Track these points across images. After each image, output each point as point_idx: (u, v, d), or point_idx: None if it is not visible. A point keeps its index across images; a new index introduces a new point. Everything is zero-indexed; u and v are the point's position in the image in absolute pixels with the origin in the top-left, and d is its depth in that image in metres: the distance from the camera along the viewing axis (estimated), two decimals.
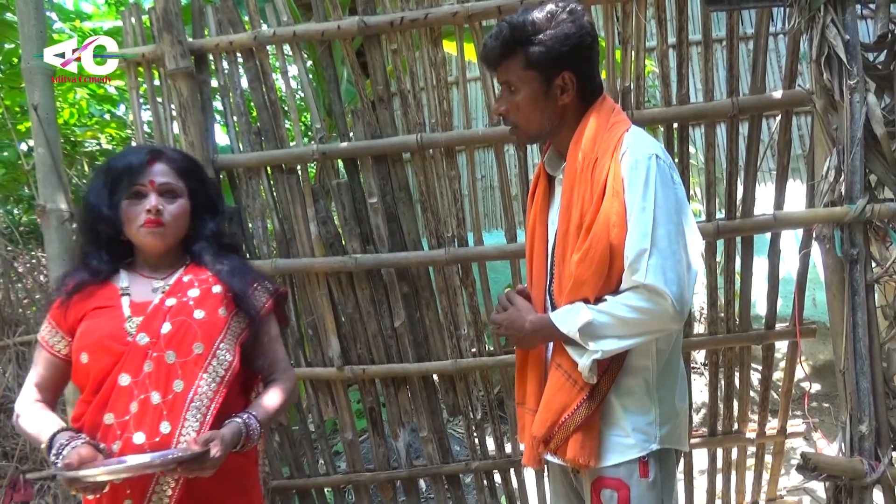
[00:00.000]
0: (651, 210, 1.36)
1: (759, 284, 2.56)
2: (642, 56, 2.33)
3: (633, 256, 1.36)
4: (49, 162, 2.49)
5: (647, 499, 1.46)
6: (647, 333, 1.40)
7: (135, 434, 1.45)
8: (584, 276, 1.41)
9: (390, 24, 2.34)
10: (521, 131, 1.56)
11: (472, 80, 5.47)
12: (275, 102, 2.51)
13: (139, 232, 1.54)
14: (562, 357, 1.46)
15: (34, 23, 2.50)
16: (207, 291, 1.60)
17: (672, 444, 1.50)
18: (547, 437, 1.47)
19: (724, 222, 2.37)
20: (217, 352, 1.55)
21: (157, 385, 1.47)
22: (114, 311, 1.54)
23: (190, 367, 1.51)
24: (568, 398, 1.44)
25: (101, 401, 1.48)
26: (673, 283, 1.35)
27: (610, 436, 1.47)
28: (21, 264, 3.24)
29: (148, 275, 1.61)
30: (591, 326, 1.38)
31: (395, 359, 2.59)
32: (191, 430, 1.48)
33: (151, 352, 1.49)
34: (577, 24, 1.45)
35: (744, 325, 2.50)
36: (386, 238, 2.50)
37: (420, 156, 2.45)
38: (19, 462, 2.77)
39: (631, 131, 1.47)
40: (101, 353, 1.49)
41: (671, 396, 1.50)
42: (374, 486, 2.79)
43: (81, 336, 1.52)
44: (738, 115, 2.30)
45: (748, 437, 2.64)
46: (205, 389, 1.51)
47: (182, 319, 1.53)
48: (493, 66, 1.53)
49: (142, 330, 1.51)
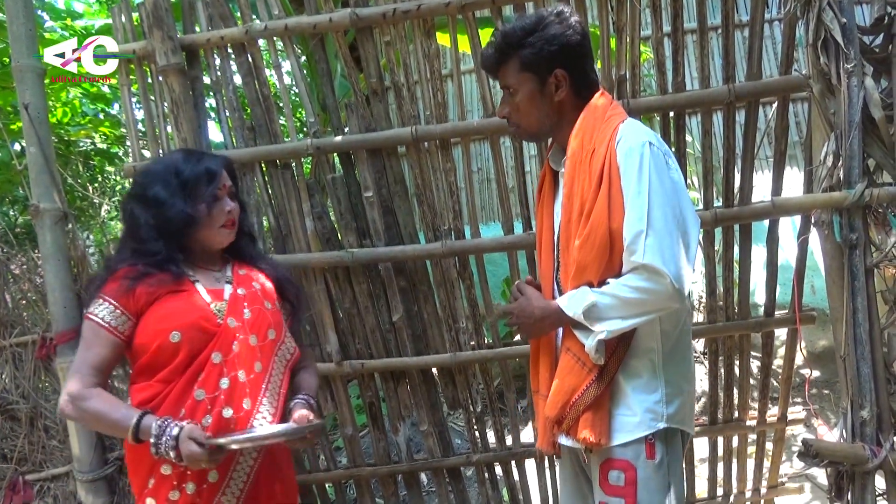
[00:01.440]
0: (646, 193, 1.43)
1: (756, 272, 2.56)
2: (637, 44, 2.31)
3: (631, 238, 1.43)
4: (41, 161, 2.47)
5: (653, 480, 1.51)
6: (649, 312, 1.46)
7: (224, 409, 1.60)
8: (586, 260, 1.48)
9: (382, 15, 2.32)
10: (522, 130, 1.67)
11: (467, 73, 5.46)
12: (268, 97, 2.49)
13: (219, 231, 1.71)
14: (571, 341, 1.53)
15: (23, 21, 2.47)
16: (264, 285, 1.79)
17: (678, 425, 1.55)
18: (559, 417, 1.54)
19: (722, 210, 2.36)
20: (285, 338, 1.78)
21: (242, 364, 1.64)
22: (192, 296, 1.66)
23: (266, 351, 1.70)
24: (578, 380, 1.51)
25: (190, 377, 1.60)
26: (671, 262, 1.41)
27: (618, 415, 1.52)
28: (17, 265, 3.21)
29: (204, 266, 1.75)
30: (595, 308, 1.45)
31: (394, 353, 2.58)
32: (268, 406, 1.66)
33: (239, 334, 1.65)
34: (564, 24, 1.55)
35: (743, 313, 2.49)
36: (382, 232, 2.48)
37: (415, 149, 2.43)
38: (18, 464, 2.75)
39: (626, 122, 1.55)
40: (195, 332, 1.61)
41: (677, 377, 1.56)
42: (375, 480, 2.79)
43: (166, 317, 1.61)
44: (734, 103, 2.28)
45: (749, 424, 2.64)
46: (276, 372, 1.71)
47: (258, 308, 1.72)
48: (493, 73, 1.65)
49: (230, 314, 1.66)
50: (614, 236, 1.45)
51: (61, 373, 2.56)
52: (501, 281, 5.29)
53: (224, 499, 1.62)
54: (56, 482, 2.78)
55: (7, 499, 2.73)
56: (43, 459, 2.79)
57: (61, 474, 2.76)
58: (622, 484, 1.50)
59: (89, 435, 2.56)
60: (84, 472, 2.56)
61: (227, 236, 1.73)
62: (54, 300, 2.54)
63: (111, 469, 2.61)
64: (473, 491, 3.03)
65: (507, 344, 2.62)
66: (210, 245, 1.73)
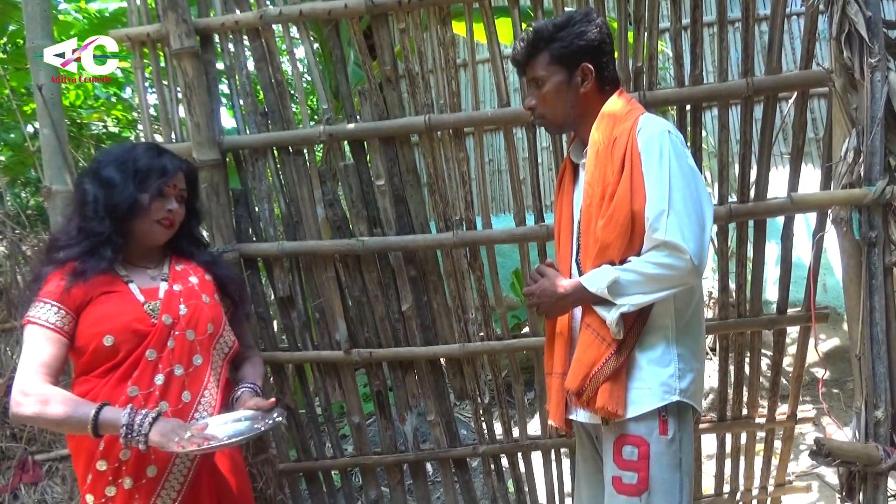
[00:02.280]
0: (667, 176, 1.53)
1: (768, 269, 2.53)
2: (655, 36, 2.28)
3: (654, 217, 1.52)
4: (54, 143, 2.47)
5: (665, 455, 1.59)
6: (669, 287, 1.55)
7: (160, 403, 1.64)
8: (608, 238, 1.57)
9: (398, 3, 2.30)
10: (548, 121, 1.77)
11: (481, 62, 5.43)
12: (281, 83, 2.47)
13: (152, 226, 1.73)
14: (591, 317, 1.62)
15: (38, 2, 2.46)
16: (202, 279, 1.84)
17: (690, 400, 1.63)
18: (579, 389, 1.61)
19: (736, 205, 2.33)
20: (224, 331, 1.82)
21: (179, 359, 1.69)
22: (124, 297, 1.68)
23: (205, 344, 1.75)
24: (597, 353, 1.59)
25: (123, 375, 1.63)
26: (690, 239, 1.49)
27: (634, 388, 1.60)
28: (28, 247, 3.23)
29: (139, 264, 1.78)
30: (617, 284, 1.54)
31: (403, 342, 2.57)
32: (210, 397, 1.72)
33: (174, 331, 1.69)
34: (592, 23, 1.69)
35: (755, 310, 2.47)
36: (393, 221, 2.47)
37: (428, 138, 2.42)
38: (27, 444, 2.78)
39: (645, 114, 1.66)
40: (128, 334, 1.64)
41: (689, 353, 1.64)
42: (381, 468, 2.79)
43: (99, 320, 1.63)
44: (752, 97, 2.25)
45: (758, 422, 2.62)
46: (215, 364, 1.77)
47: (195, 303, 1.76)
48: (522, 67, 1.75)
49: (164, 312, 1.70)
50: (636, 217, 1.54)
51: None
52: (511, 273, 5.28)
53: (164, 493, 1.63)
54: (64, 462, 2.81)
55: (16, 478, 2.76)
56: (52, 440, 2.82)
57: (69, 455, 2.78)
58: (635, 458, 1.58)
59: None
60: None
61: (161, 234, 1.76)
62: None
63: None
64: (479, 482, 3.03)
65: (515, 336, 2.61)
66: (145, 240, 1.76)
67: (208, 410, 1.71)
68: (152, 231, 1.74)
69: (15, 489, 2.74)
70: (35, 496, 2.75)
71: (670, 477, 1.59)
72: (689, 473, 1.64)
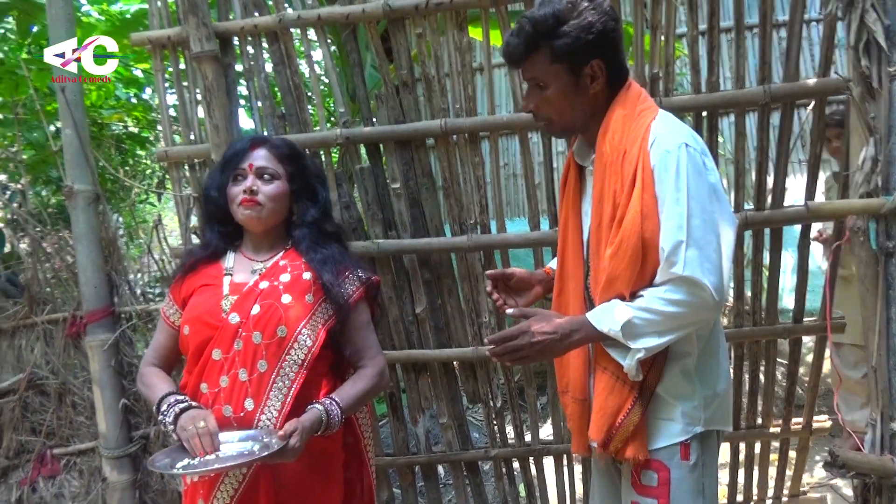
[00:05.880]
0: (685, 200, 1.35)
1: (783, 277, 2.51)
2: (672, 42, 2.28)
3: (670, 249, 1.35)
4: (76, 143, 2.52)
5: (687, 481, 1.47)
6: (687, 326, 1.40)
7: (224, 406, 1.59)
8: (616, 270, 1.40)
9: (415, 7, 2.31)
10: (553, 126, 1.56)
11: (497, 67, 5.43)
12: (299, 86, 2.50)
13: (238, 211, 1.66)
14: (606, 359, 1.46)
15: (62, 5, 2.52)
16: (298, 277, 1.68)
17: (715, 426, 1.51)
18: (605, 440, 1.47)
19: (752, 213, 2.32)
20: (298, 336, 1.63)
21: (244, 363, 1.59)
22: (215, 289, 1.68)
23: (273, 350, 1.60)
24: (620, 399, 1.45)
25: (199, 371, 1.63)
26: (711, 273, 1.34)
27: (657, 420, 1.48)
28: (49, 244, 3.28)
29: (250, 256, 1.73)
30: (631, 325, 1.36)
31: (416, 345, 2.58)
32: (272, 409, 1.59)
33: (241, 331, 1.61)
34: (599, 10, 1.44)
35: (770, 318, 2.45)
36: (408, 224, 2.49)
37: (444, 141, 2.43)
38: (47, 437, 2.82)
39: (658, 118, 1.46)
40: (199, 326, 1.63)
41: (713, 379, 1.51)
42: (393, 470, 2.80)
43: (187, 310, 1.69)
44: (770, 104, 2.24)
45: (772, 431, 2.60)
46: (286, 371, 1.61)
47: (270, 303, 1.63)
48: (518, 64, 1.52)
49: (234, 310, 1.62)
50: (647, 245, 1.37)
51: (91, 351, 2.61)
52: None
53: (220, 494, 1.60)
54: (82, 457, 2.85)
55: (35, 471, 2.80)
56: (70, 434, 2.86)
57: (87, 450, 2.83)
58: (655, 484, 1.47)
59: (115, 413, 2.62)
60: (109, 448, 2.62)
61: (245, 216, 1.66)
62: (85, 280, 2.59)
63: (135, 447, 2.67)
64: (490, 485, 3.03)
65: None
66: (245, 228, 1.72)
67: (271, 420, 1.58)
68: (239, 215, 1.67)
69: (34, 482, 2.79)
70: (53, 489, 2.80)
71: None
72: (713, 498, 1.54)
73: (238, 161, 1.68)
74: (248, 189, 1.64)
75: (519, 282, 1.73)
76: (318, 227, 1.73)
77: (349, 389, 1.68)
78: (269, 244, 1.73)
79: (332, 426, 1.59)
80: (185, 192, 2.53)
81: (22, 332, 2.87)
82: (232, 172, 1.69)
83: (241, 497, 1.60)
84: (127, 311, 2.72)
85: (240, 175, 1.68)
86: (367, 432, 1.85)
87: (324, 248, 1.71)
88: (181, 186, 2.56)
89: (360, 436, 1.81)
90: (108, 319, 2.64)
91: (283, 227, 1.75)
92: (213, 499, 1.60)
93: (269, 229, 1.71)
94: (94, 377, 2.62)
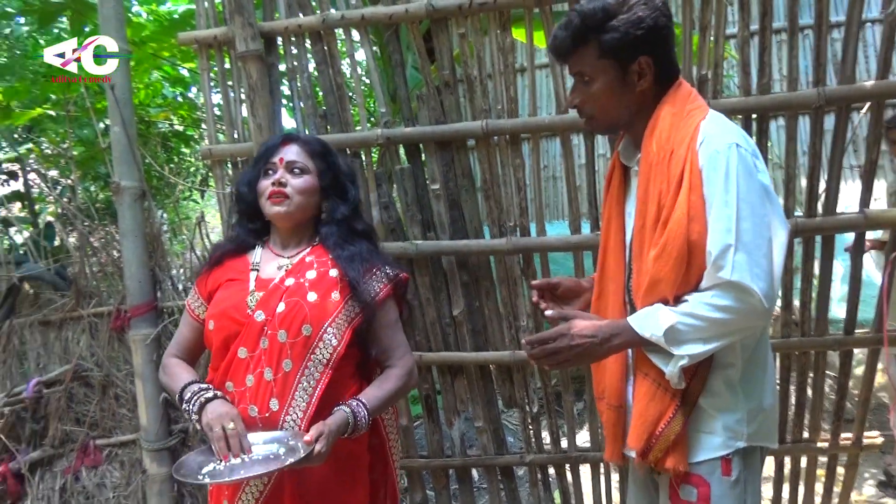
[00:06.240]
0: (734, 203, 1.30)
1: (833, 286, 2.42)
2: (721, 43, 2.22)
3: (718, 252, 1.30)
4: (124, 141, 2.57)
5: (728, 498, 1.42)
6: (733, 333, 1.35)
7: (249, 406, 1.55)
8: (660, 273, 1.35)
9: (458, 7, 2.30)
10: (597, 122, 1.53)
11: (540, 68, 5.39)
12: (341, 86, 2.50)
13: (266, 204, 1.65)
14: (647, 365, 1.41)
15: (113, 5, 2.57)
16: (324, 275, 1.64)
17: (759, 442, 1.46)
18: (645, 449, 1.43)
19: (803, 220, 2.24)
20: (324, 335, 1.59)
21: (269, 362, 1.56)
22: (241, 284, 1.65)
23: (298, 349, 1.57)
24: (662, 406, 1.40)
25: (224, 369, 1.61)
26: (760, 278, 1.29)
27: (697, 433, 1.43)
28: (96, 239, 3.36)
29: (277, 252, 1.72)
30: (675, 331, 1.32)
31: (453, 347, 2.56)
32: (298, 409, 1.55)
33: (267, 329, 1.57)
34: (650, 6, 1.40)
35: (820, 329, 2.37)
36: (447, 225, 2.47)
37: (484, 143, 2.41)
38: (90, 428, 2.89)
39: (708, 118, 1.41)
40: (224, 321, 1.61)
41: (758, 392, 1.45)
42: (427, 472, 2.79)
43: (212, 304, 1.67)
44: (823, 107, 2.16)
45: (819, 446, 2.51)
46: (311, 371, 1.57)
47: (296, 300, 1.59)
48: (564, 58, 1.49)
49: (260, 307, 1.59)
50: (693, 248, 1.33)
51: (134, 345, 2.66)
52: None
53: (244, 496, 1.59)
54: (124, 449, 2.90)
55: (78, 461, 2.87)
56: (113, 426, 2.92)
57: (129, 441, 2.88)
58: (694, 500, 1.42)
59: (156, 406, 2.66)
60: (150, 441, 2.66)
61: (273, 210, 1.64)
62: (130, 275, 2.64)
63: (175, 440, 2.71)
64: (525, 491, 2.99)
65: None
66: (271, 221, 1.70)
67: (296, 422, 1.55)
68: (267, 209, 1.65)
69: (77, 472, 2.85)
70: (95, 479, 2.86)
71: None
72: None
73: (269, 156, 1.69)
74: (277, 181, 1.63)
75: (566, 291, 1.68)
76: (347, 224, 1.71)
77: (376, 390, 1.65)
78: (297, 240, 1.72)
79: (359, 428, 1.56)
80: (227, 190, 2.56)
81: (69, 324, 2.93)
82: (263, 167, 1.69)
83: (267, 499, 1.58)
84: (169, 306, 2.76)
85: (270, 169, 1.68)
86: (392, 434, 1.81)
87: (352, 245, 1.68)
88: (224, 184, 2.59)
89: (384, 437, 1.76)
90: (151, 314, 2.68)
91: (311, 225, 1.73)
92: (238, 500, 1.59)
93: (297, 225, 1.70)
94: (136, 370, 2.67)
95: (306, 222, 1.71)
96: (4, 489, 2.79)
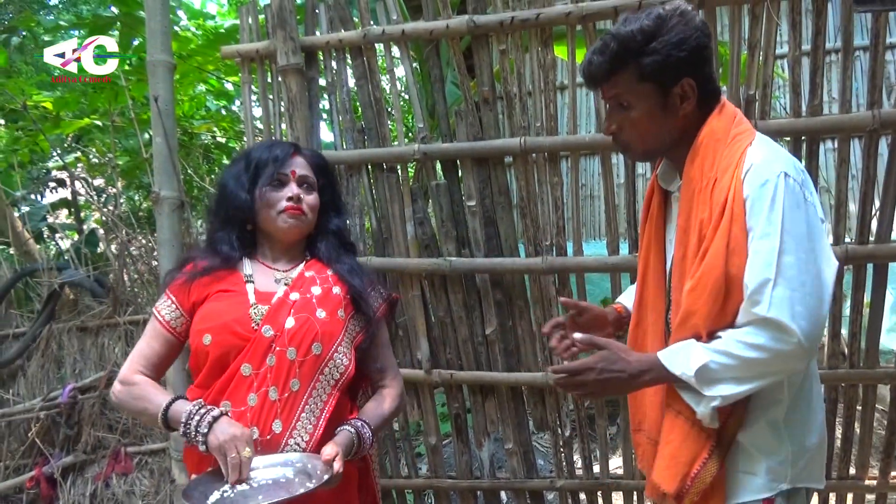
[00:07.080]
0: (777, 235, 1.23)
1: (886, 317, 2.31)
2: (771, 63, 2.16)
3: (755, 286, 1.23)
4: (165, 151, 2.60)
5: None
6: (769, 375, 1.27)
7: (251, 427, 1.45)
8: (694, 305, 1.29)
9: (500, 24, 2.28)
10: (634, 150, 1.46)
11: (581, 86, 5.33)
12: (379, 101, 2.50)
13: (278, 218, 1.58)
14: (679, 403, 1.34)
15: (160, 19, 2.62)
16: (329, 291, 1.60)
17: (804, 483, 1.37)
18: (679, 492, 1.35)
19: (854, 247, 2.15)
20: (334, 355, 1.55)
21: (276, 380, 1.48)
22: (238, 297, 1.55)
23: (307, 368, 1.51)
24: (696, 447, 1.33)
25: (222, 387, 1.49)
26: (801, 317, 1.21)
27: (737, 473, 1.35)
28: (136, 248, 3.42)
29: (268, 265, 1.64)
30: (707, 370, 1.25)
31: (485, 366, 2.52)
32: (303, 431, 1.49)
33: (275, 345, 1.49)
34: (690, 25, 1.33)
35: (870, 361, 2.26)
36: (482, 242, 2.44)
37: (522, 160, 2.37)
38: (122, 436, 2.92)
39: (755, 144, 1.33)
40: (225, 335, 1.50)
41: (804, 432, 1.36)
42: (454, 493, 2.74)
43: (205, 317, 1.53)
44: (878, 130, 2.08)
45: (867, 484, 2.39)
46: (319, 392, 1.52)
47: (305, 317, 1.53)
48: (600, 84, 1.42)
49: (267, 321, 1.51)
50: (731, 282, 1.25)
51: None
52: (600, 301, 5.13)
53: None
54: (153, 457, 2.93)
55: (109, 467, 2.89)
56: (144, 434, 2.94)
57: (158, 450, 2.90)
58: None
59: None
60: (178, 450, 2.67)
61: (289, 225, 1.58)
62: None
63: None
64: None
65: None
66: (279, 235, 1.61)
67: (301, 445, 1.48)
68: (279, 222, 1.58)
69: (108, 478, 2.88)
70: (125, 486, 2.88)
71: None
72: None
73: (280, 166, 1.60)
74: (296, 196, 1.59)
75: (592, 319, 1.63)
76: (339, 237, 1.71)
77: (376, 410, 1.63)
78: (291, 254, 1.66)
79: (363, 449, 1.52)
80: None
81: (105, 331, 2.98)
82: (271, 176, 1.59)
83: None
84: None
85: (280, 180, 1.60)
86: (373, 454, 1.76)
87: (346, 258, 1.68)
88: None
89: (368, 458, 1.70)
90: None
91: (304, 239, 1.69)
92: None
93: (299, 239, 1.66)
94: (167, 379, 2.68)
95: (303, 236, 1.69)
96: (37, 493, 2.83)
